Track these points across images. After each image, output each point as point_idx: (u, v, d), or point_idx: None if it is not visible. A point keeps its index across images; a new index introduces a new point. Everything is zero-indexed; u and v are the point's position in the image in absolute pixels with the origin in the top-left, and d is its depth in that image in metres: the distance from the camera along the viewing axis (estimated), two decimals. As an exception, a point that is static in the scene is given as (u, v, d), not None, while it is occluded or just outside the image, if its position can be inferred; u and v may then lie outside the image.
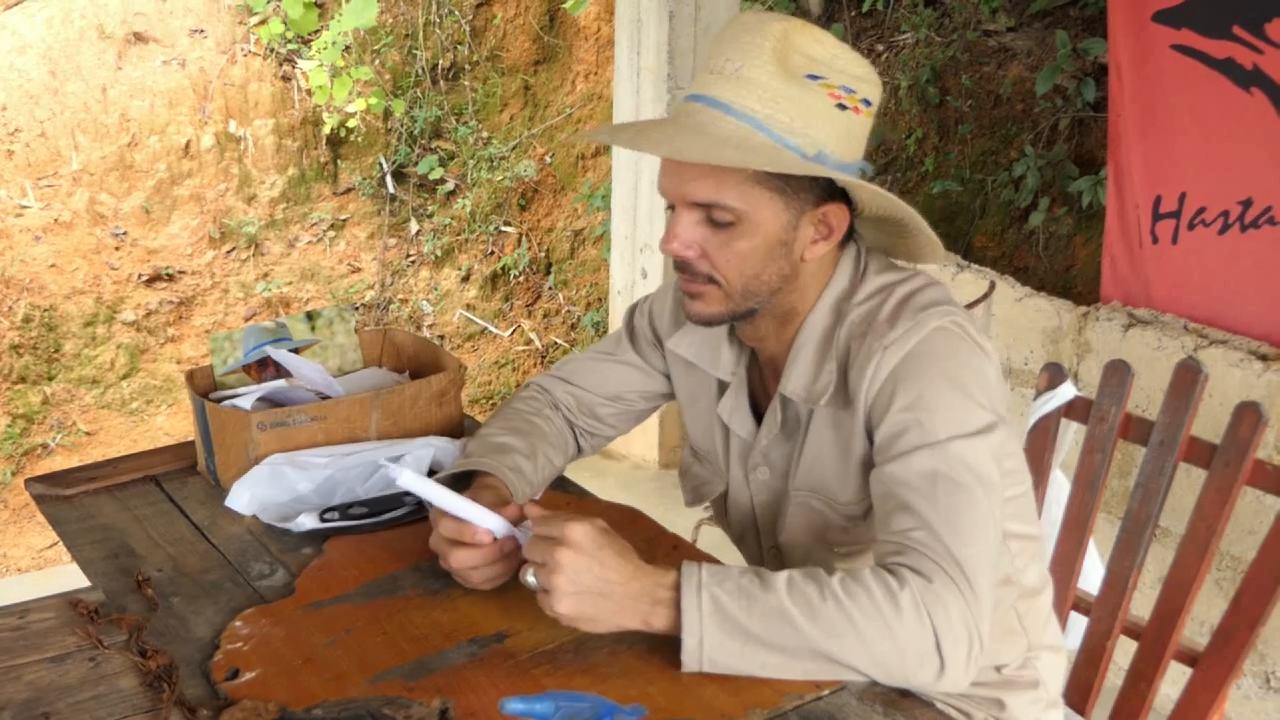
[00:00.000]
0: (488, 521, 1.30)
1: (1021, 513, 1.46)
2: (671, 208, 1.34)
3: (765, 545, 1.52)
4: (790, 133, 1.27)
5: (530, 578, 1.22)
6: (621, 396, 1.63)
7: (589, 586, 1.18)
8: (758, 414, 1.48)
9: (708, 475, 1.57)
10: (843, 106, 1.29)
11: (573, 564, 1.18)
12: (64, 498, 1.67)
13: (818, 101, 1.28)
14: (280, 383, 1.72)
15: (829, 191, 1.32)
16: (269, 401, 1.71)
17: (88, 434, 5.34)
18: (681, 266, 1.35)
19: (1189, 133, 2.90)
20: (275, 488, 1.60)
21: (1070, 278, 3.95)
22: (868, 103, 1.32)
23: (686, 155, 1.27)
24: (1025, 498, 1.47)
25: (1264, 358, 2.60)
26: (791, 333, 1.41)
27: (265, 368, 1.78)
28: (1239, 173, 2.80)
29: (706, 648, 1.17)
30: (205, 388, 1.77)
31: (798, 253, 1.34)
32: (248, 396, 1.68)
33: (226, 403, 1.68)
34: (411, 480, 1.29)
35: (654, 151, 1.31)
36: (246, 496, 1.60)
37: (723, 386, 1.50)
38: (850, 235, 1.40)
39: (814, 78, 1.28)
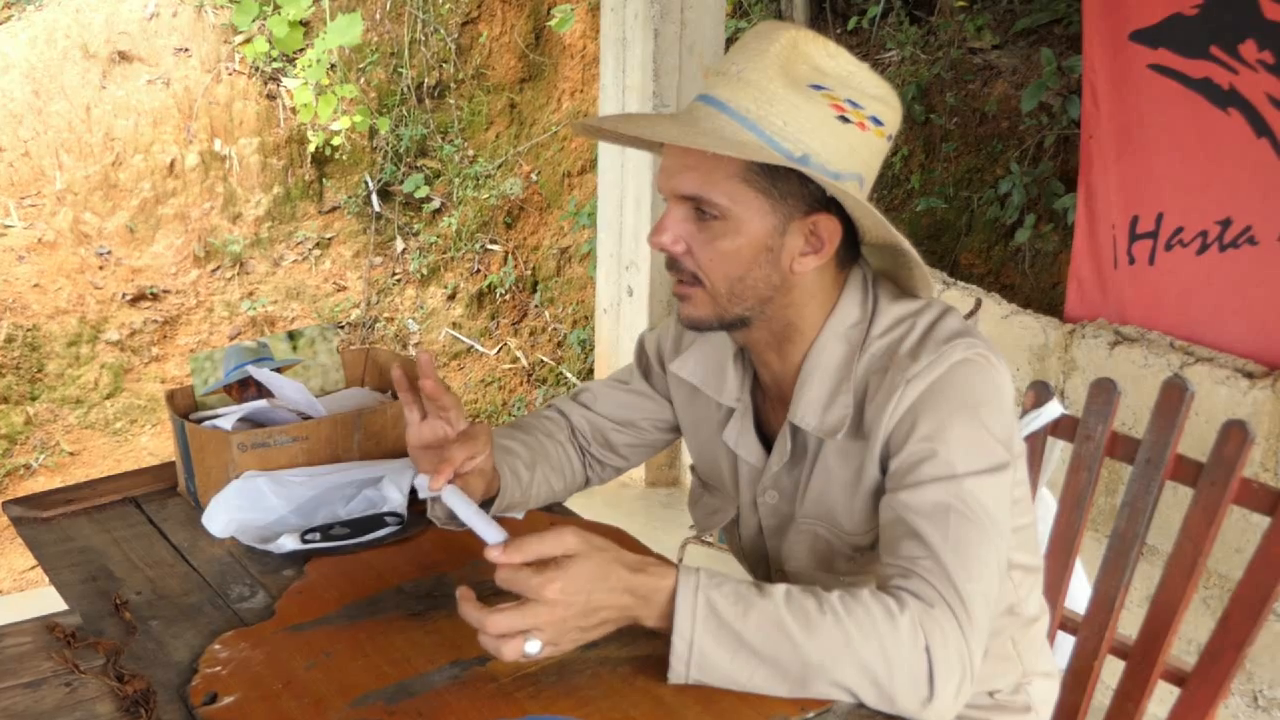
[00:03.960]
0: (495, 535, 1.23)
1: (1026, 543, 1.46)
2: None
3: (774, 570, 1.50)
4: (781, 135, 1.25)
5: (531, 646, 1.13)
6: (634, 423, 1.62)
7: (596, 619, 1.15)
8: (763, 437, 1.46)
9: (718, 503, 1.56)
10: (845, 119, 1.27)
11: (579, 600, 1.13)
12: (42, 520, 1.65)
13: (816, 109, 1.26)
14: (262, 403, 1.71)
15: (820, 202, 1.30)
16: (250, 422, 1.69)
17: (71, 454, 5.31)
18: (672, 266, 1.34)
19: (1167, 153, 2.90)
20: (254, 509, 1.59)
21: (1056, 295, 3.95)
22: (877, 121, 1.29)
23: (657, 135, 1.27)
24: (1031, 529, 1.47)
25: (1250, 375, 2.60)
26: (796, 355, 1.39)
27: (247, 388, 1.77)
28: (1217, 193, 2.80)
29: (696, 652, 1.16)
30: (186, 408, 1.75)
31: (786, 263, 1.31)
32: (229, 417, 1.67)
33: (207, 423, 1.66)
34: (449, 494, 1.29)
35: (627, 130, 1.32)
36: (224, 519, 1.58)
37: (728, 412, 1.49)
38: (855, 259, 1.38)
39: (817, 88, 1.26)
